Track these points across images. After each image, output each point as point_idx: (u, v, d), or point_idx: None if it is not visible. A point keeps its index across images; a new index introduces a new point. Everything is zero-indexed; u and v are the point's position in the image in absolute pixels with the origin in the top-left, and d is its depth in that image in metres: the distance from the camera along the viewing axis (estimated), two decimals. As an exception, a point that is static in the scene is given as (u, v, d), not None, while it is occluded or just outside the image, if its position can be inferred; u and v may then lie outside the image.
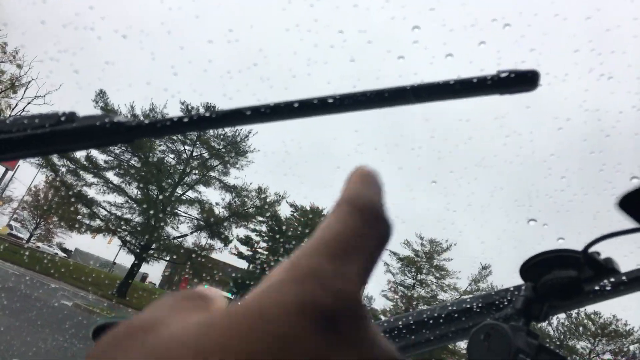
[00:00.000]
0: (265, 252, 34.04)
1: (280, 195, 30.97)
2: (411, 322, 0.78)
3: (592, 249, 0.60)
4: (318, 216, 33.51)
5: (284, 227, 33.04)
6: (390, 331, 0.78)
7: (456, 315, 0.77)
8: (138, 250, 25.48)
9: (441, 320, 0.77)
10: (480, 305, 0.76)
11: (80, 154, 24.17)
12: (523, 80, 0.52)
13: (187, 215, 27.34)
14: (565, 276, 0.60)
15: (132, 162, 25.34)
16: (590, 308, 24.06)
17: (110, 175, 25.29)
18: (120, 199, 25.73)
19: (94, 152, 24.58)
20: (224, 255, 30.77)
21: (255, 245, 34.21)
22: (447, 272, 32.76)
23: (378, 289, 36.33)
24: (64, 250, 41.14)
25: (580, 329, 24.23)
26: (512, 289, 0.72)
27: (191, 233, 27.46)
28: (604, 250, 0.61)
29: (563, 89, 28.76)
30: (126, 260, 28.95)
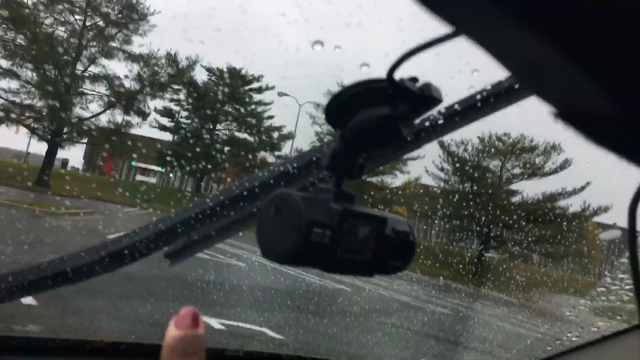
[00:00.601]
0: (188, 121, 33.34)
1: (193, 60, 29.38)
2: (223, 199, 0.69)
3: (402, 75, 0.46)
4: (236, 77, 32.49)
5: (203, 93, 31.99)
6: (212, 208, 0.69)
7: (272, 182, 0.66)
8: (49, 137, 24.06)
9: (257, 191, 0.67)
10: (296, 167, 0.66)
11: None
12: None
13: (94, 92, 25.63)
14: (375, 116, 0.47)
15: (18, 40, 22.65)
16: (500, 129, 26.09)
17: (-5, 59, 22.68)
18: (14, 84, 23.49)
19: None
20: (144, 129, 29.89)
21: (177, 115, 33.30)
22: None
23: (306, 142, 37.21)
24: (-31, 148, 38.23)
25: (493, 150, 26.40)
26: (330, 142, 0.58)
27: (103, 111, 26.03)
28: (429, 76, 0.47)
29: None
30: (41, 148, 27.42)
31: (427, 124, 0.60)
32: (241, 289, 8.24)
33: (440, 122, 0.60)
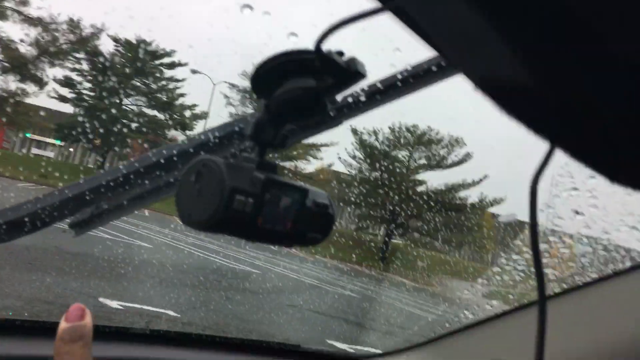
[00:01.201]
0: (92, 93, 31.25)
1: (98, 28, 27.55)
2: (138, 167, 0.64)
3: (329, 47, 0.45)
4: (146, 51, 30.90)
5: (108, 65, 30.11)
6: (125, 176, 0.64)
7: (192, 152, 0.63)
8: None
9: (175, 159, 0.63)
10: (217, 136, 0.63)
11: None
12: None
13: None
14: (300, 87, 0.47)
15: None
16: (409, 121, 27.23)
17: None
18: None
19: None
20: (42, 99, 27.64)
21: (78, 86, 31.10)
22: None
23: (220, 122, 36.37)
24: None
25: (402, 140, 27.55)
26: (253, 113, 0.58)
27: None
28: (354, 51, 0.47)
29: None
30: None
31: (349, 99, 0.60)
32: (146, 271, 7.94)
33: (362, 99, 0.60)
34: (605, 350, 1.00)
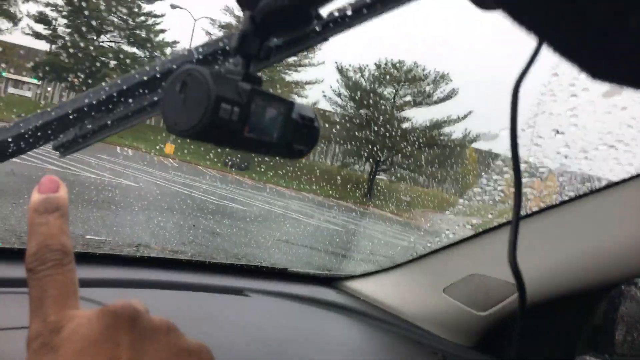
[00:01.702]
0: (68, 29, 30.11)
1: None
2: (121, 86, 0.63)
3: None
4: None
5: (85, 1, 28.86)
6: (109, 96, 0.63)
7: (176, 69, 0.60)
8: None
9: (159, 77, 0.62)
10: (201, 52, 0.61)
11: None
12: None
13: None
14: None
15: None
16: (394, 57, 26.79)
17: None
18: None
19: None
20: (16, 36, 26.56)
21: (54, 22, 29.88)
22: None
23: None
24: None
25: (387, 77, 27.20)
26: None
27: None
28: None
29: None
30: None
31: (335, 14, 0.59)
32: (133, 210, 7.96)
33: (349, 12, 0.59)
34: (574, 264, 1.08)
